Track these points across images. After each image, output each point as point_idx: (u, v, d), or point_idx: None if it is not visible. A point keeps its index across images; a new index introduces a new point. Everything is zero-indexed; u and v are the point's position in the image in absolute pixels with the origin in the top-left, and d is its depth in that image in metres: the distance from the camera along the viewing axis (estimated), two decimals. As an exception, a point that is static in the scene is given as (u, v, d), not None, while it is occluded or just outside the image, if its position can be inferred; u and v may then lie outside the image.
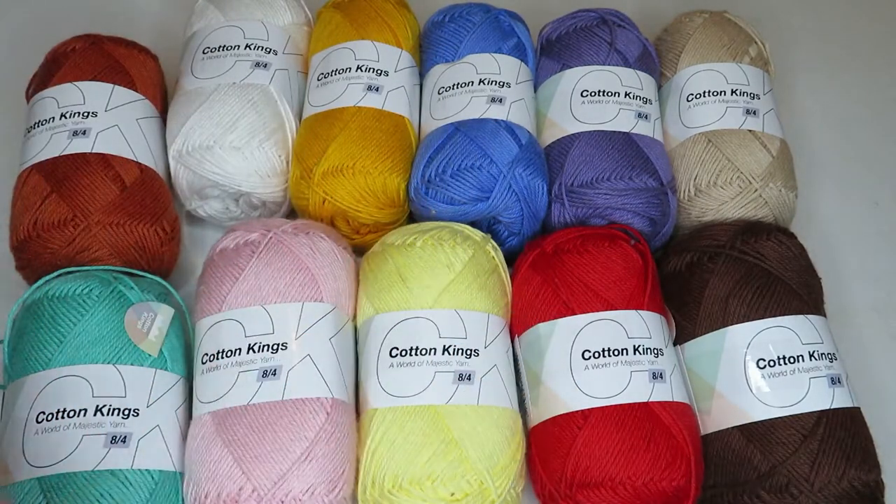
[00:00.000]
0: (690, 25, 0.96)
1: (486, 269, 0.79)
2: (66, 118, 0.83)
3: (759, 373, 0.73)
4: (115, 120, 0.84)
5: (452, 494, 0.69)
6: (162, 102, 0.93)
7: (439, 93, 0.91)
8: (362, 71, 0.90)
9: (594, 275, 0.78)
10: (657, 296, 0.80)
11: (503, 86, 0.89)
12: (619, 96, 0.89)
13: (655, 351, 0.75)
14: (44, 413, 0.67)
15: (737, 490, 0.71)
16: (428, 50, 0.96)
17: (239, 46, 0.91)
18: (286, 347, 0.72)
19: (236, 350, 0.72)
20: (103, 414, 0.68)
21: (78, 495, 0.65)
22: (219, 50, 0.90)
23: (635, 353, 0.74)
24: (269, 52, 0.91)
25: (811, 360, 0.73)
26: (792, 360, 0.73)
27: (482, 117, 0.86)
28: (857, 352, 0.88)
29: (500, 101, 0.88)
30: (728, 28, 0.95)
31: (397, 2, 0.98)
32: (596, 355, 0.74)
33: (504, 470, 0.71)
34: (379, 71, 0.90)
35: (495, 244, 0.82)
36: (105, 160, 0.81)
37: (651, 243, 0.86)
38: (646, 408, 0.72)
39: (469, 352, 0.74)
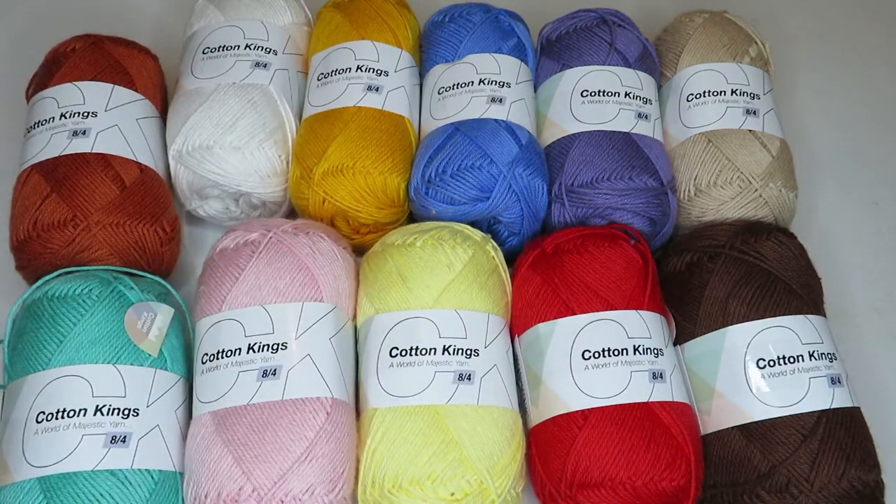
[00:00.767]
0: (690, 25, 0.96)
1: (486, 269, 0.79)
2: (66, 118, 0.83)
3: (759, 373, 0.73)
4: (115, 120, 0.84)
5: (452, 494, 0.69)
6: (162, 102, 0.93)
7: (439, 93, 0.91)
8: (362, 71, 0.90)
9: (594, 275, 0.78)
10: (657, 296, 0.80)
11: (503, 86, 0.89)
12: (619, 96, 0.89)
13: (655, 351, 0.75)
14: (43, 413, 0.67)
15: (737, 490, 0.71)
16: (428, 50, 0.96)
17: (239, 46, 0.91)
18: (286, 347, 0.72)
19: (236, 350, 0.72)
20: (103, 414, 0.68)
21: (78, 495, 0.65)
22: (219, 50, 0.90)
23: (635, 353, 0.74)
24: (269, 52, 0.91)
25: (811, 360, 0.73)
26: (792, 360, 0.73)
27: (482, 117, 0.86)
28: (857, 352, 0.88)
29: (500, 101, 0.88)
30: (728, 28, 0.95)
31: (397, 2, 0.98)
32: (596, 355, 0.74)
33: (504, 470, 0.71)
34: (379, 71, 0.90)
35: (495, 244, 0.82)
36: (105, 160, 0.81)
37: (651, 243, 0.86)
38: (646, 408, 0.72)
39: (469, 352, 0.74)
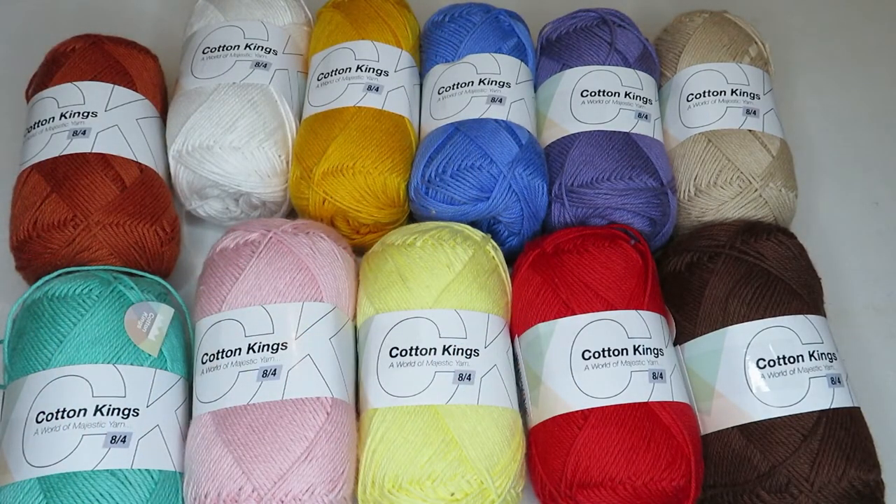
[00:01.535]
0: (690, 25, 0.96)
1: (486, 269, 0.79)
2: (66, 118, 0.83)
3: (759, 373, 0.73)
4: (115, 120, 0.84)
5: (452, 494, 0.69)
6: (162, 102, 0.93)
7: (439, 93, 0.91)
8: (362, 71, 0.90)
9: (594, 275, 0.78)
10: (657, 296, 0.80)
11: (503, 86, 0.89)
12: (619, 96, 0.89)
13: (655, 351, 0.75)
14: (43, 413, 0.67)
15: (737, 490, 0.71)
16: (428, 50, 0.96)
17: (239, 46, 0.91)
18: (286, 347, 0.72)
19: (236, 350, 0.72)
20: (103, 414, 0.68)
21: (78, 495, 0.65)
22: (219, 50, 0.90)
23: (635, 353, 0.74)
24: (269, 52, 0.91)
25: (811, 360, 0.73)
26: (792, 360, 0.73)
27: (482, 117, 0.86)
28: (857, 352, 0.88)
29: (500, 101, 0.88)
30: (728, 28, 0.95)
31: (397, 2, 0.98)
32: (596, 355, 0.74)
33: (504, 470, 0.71)
34: (379, 71, 0.90)
35: (495, 244, 0.82)
36: (105, 160, 0.81)
37: (651, 243, 0.86)
38: (646, 408, 0.72)
39: (469, 352, 0.74)
